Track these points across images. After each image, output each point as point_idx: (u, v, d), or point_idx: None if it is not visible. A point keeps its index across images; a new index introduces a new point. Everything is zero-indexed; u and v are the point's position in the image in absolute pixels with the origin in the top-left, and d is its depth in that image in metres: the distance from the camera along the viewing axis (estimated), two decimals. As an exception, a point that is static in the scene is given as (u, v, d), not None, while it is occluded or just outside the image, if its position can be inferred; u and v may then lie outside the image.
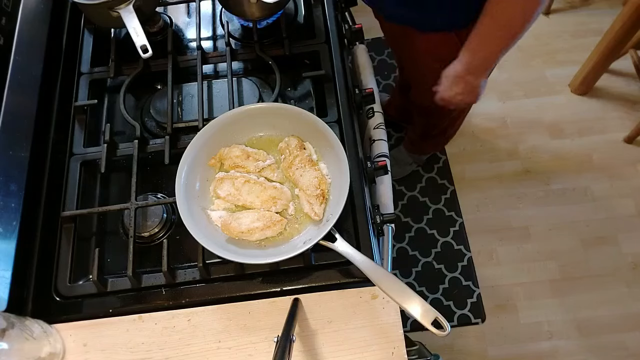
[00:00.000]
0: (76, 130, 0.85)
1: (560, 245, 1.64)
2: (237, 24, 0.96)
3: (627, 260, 1.60)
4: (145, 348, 0.69)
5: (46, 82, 0.85)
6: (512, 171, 1.77)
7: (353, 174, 0.74)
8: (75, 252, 0.76)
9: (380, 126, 0.91)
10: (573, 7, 2.05)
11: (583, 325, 1.53)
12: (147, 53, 0.79)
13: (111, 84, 0.92)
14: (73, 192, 0.79)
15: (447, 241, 1.66)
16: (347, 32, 0.96)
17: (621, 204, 1.68)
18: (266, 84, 0.90)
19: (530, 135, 1.82)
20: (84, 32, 0.95)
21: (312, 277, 0.71)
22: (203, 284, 0.72)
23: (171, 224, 0.79)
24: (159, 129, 0.87)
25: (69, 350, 0.69)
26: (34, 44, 0.85)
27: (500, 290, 1.59)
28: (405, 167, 1.75)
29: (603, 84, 1.85)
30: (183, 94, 0.88)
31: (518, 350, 1.51)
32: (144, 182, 0.82)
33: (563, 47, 1.97)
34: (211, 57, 0.91)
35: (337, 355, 0.67)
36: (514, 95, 1.90)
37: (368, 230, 0.73)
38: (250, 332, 0.69)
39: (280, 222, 0.70)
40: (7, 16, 0.78)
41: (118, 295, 0.72)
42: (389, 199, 0.85)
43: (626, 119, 1.81)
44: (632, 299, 1.55)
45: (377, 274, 0.63)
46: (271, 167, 0.75)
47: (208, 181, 0.76)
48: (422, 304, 0.60)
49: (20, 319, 0.64)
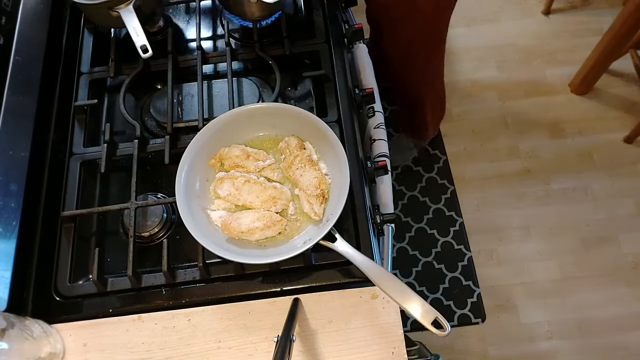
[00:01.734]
0: (76, 130, 0.85)
1: (561, 245, 1.64)
2: (237, 24, 0.96)
3: (627, 260, 1.60)
4: (145, 348, 0.69)
5: (46, 82, 0.85)
6: (512, 171, 1.77)
7: (353, 173, 0.74)
8: (75, 252, 0.76)
9: (380, 126, 0.91)
10: (573, 7, 2.05)
11: (583, 325, 1.52)
12: (147, 53, 0.79)
13: (111, 83, 0.92)
14: (73, 192, 0.79)
15: (447, 241, 1.66)
16: (347, 32, 0.95)
17: (621, 204, 1.68)
18: (266, 84, 0.90)
19: (530, 135, 1.82)
20: (84, 32, 0.95)
21: (312, 277, 0.71)
22: (203, 284, 0.72)
23: (171, 224, 0.79)
24: (159, 129, 0.87)
25: (69, 350, 0.69)
26: (34, 44, 0.85)
27: (500, 290, 1.59)
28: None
29: (603, 84, 1.85)
30: (183, 93, 0.88)
31: (518, 350, 1.51)
32: (144, 182, 0.82)
33: (563, 47, 1.97)
34: (211, 57, 0.91)
35: (337, 355, 0.67)
36: (514, 95, 1.89)
37: (368, 230, 0.73)
38: (251, 332, 0.69)
39: (280, 222, 0.70)
40: (7, 16, 0.78)
41: (118, 295, 0.72)
42: (389, 199, 0.85)
43: (626, 119, 1.81)
44: (632, 299, 1.55)
45: (377, 274, 0.63)
46: (271, 167, 0.75)
47: (208, 181, 0.76)
48: (422, 304, 0.59)
49: (20, 319, 0.64)
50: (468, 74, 1.95)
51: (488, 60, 1.96)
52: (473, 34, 2.03)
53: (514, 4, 2.08)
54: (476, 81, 1.93)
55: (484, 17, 2.07)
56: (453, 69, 1.97)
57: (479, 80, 1.93)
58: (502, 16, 2.06)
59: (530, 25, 2.03)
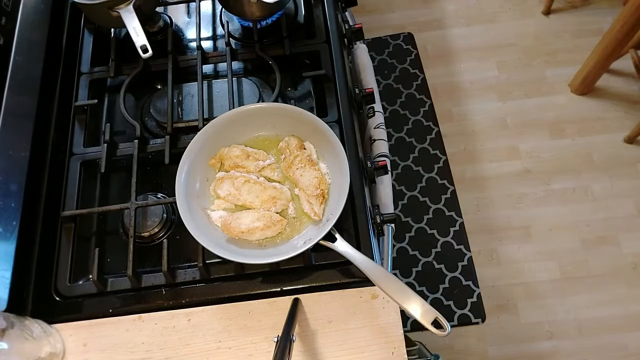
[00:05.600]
0: (76, 130, 0.85)
1: (561, 245, 1.64)
2: (237, 24, 0.96)
3: (627, 260, 1.60)
4: (145, 348, 0.69)
5: (46, 82, 0.85)
6: (512, 171, 1.77)
7: (353, 174, 0.74)
8: (75, 252, 0.76)
9: (380, 126, 0.91)
10: (573, 7, 2.05)
11: (583, 325, 1.52)
12: (147, 53, 0.79)
13: (111, 83, 0.92)
14: (73, 192, 0.79)
15: (447, 241, 1.66)
16: (347, 32, 0.96)
17: (621, 204, 1.68)
18: (266, 84, 0.90)
19: (530, 135, 1.82)
20: (84, 32, 0.95)
21: (312, 277, 0.71)
22: (203, 284, 0.72)
23: (171, 224, 0.79)
24: (159, 129, 0.87)
25: (69, 350, 0.69)
26: (34, 44, 0.85)
27: (500, 290, 1.59)
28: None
29: (603, 84, 1.85)
30: (183, 93, 0.88)
31: (518, 350, 1.51)
32: (144, 182, 0.82)
33: (563, 47, 1.97)
34: (211, 57, 0.91)
35: (337, 355, 0.67)
36: (514, 95, 1.89)
37: (368, 230, 0.73)
38: (251, 332, 0.69)
39: (280, 222, 0.70)
40: (7, 16, 0.78)
41: (118, 295, 0.72)
42: (389, 199, 0.85)
43: (626, 119, 1.81)
44: (632, 299, 1.55)
45: (377, 273, 0.63)
46: (271, 167, 0.75)
47: (208, 181, 0.76)
48: (422, 304, 0.59)
49: (20, 319, 0.64)
50: (468, 74, 1.95)
51: (488, 60, 1.96)
52: (473, 34, 2.03)
53: (514, 4, 2.08)
54: (476, 81, 1.93)
55: (484, 17, 2.07)
56: (453, 69, 1.97)
57: (479, 80, 1.93)
58: (502, 16, 2.06)
59: (530, 25, 2.03)
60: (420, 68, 1.96)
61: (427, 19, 2.09)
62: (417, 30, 2.05)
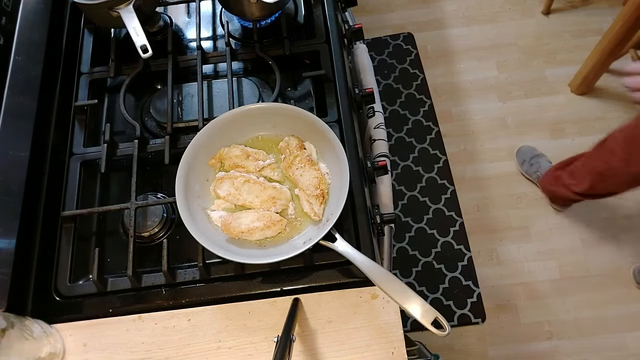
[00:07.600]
0: (76, 130, 0.85)
1: (560, 245, 1.64)
2: (237, 24, 0.96)
3: (627, 260, 1.60)
4: (145, 348, 0.69)
5: (46, 82, 0.85)
6: (512, 171, 1.77)
7: (353, 174, 0.74)
8: (75, 252, 0.76)
9: (380, 126, 0.91)
10: (573, 7, 2.05)
11: (583, 325, 1.52)
12: (147, 53, 0.79)
13: (111, 83, 0.92)
14: (73, 192, 0.79)
15: (447, 241, 1.66)
16: (347, 32, 0.96)
17: (621, 204, 1.68)
18: (266, 84, 0.90)
19: (530, 135, 1.82)
20: (84, 32, 0.95)
21: (312, 277, 0.71)
22: (203, 284, 0.72)
23: (171, 224, 0.79)
24: (159, 129, 0.87)
25: (69, 350, 0.69)
26: (34, 44, 0.85)
27: (500, 290, 1.59)
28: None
29: (603, 84, 1.85)
30: (183, 93, 0.88)
31: (518, 350, 1.51)
32: (144, 182, 0.82)
33: (563, 47, 1.97)
34: (211, 57, 0.91)
35: (337, 355, 0.67)
36: (514, 95, 1.90)
37: (368, 230, 0.73)
38: (250, 332, 0.69)
39: (280, 222, 0.70)
40: (7, 16, 0.78)
41: (118, 295, 0.72)
42: (389, 199, 0.85)
43: (626, 118, 1.79)
44: (632, 299, 1.55)
45: (377, 274, 0.63)
46: (271, 167, 0.75)
47: (208, 181, 0.76)
48: (422, 304, 0.59)
49: (20, 319, 0.64)
50: (468, 74, 1.95)
51: (488, 60, 1.96)
52: (473, 34, 2.03)
53: (514, 4, 2.08)
54: (476, 81, 1.93)
55: (484, 17, 2.07)
56: (453, 69, 1.97)
57: (479, 80, 1.93)
58: (502, 16, 2.06)
59: (530, 25, 2.03)
60: (420, 68, 1.96)
61: (427, 19, 2.09)
62: (417, 30, 2.05)
